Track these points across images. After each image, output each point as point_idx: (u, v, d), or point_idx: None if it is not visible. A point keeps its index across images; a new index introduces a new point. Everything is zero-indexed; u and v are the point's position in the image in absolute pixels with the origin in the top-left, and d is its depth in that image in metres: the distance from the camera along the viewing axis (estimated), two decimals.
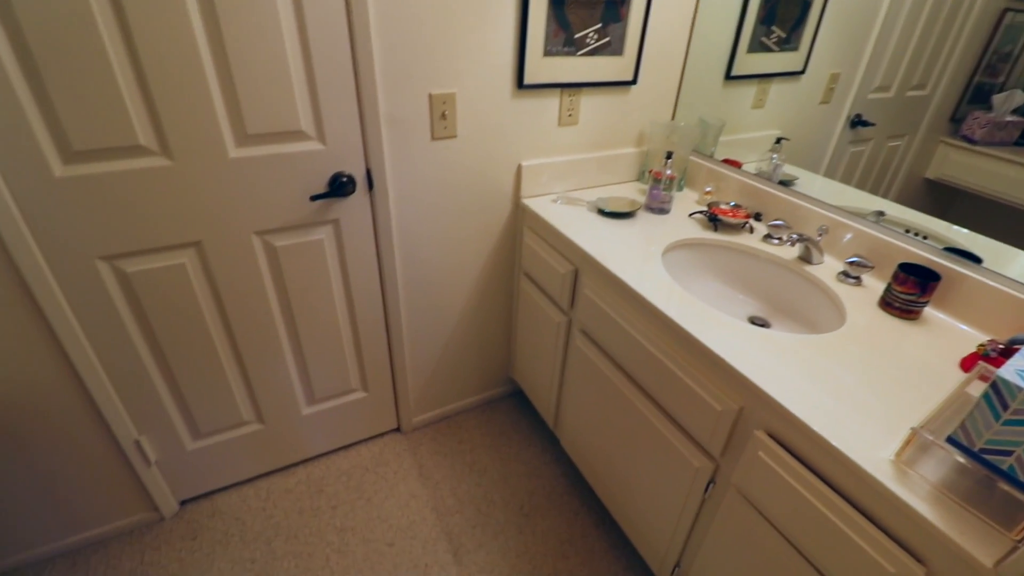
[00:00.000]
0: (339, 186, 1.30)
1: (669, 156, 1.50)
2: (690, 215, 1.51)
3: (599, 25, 1.46)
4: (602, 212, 1.51)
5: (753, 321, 1.26)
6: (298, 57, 1.15)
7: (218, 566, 1.45)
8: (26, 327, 1.16)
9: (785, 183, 1.44)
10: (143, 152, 1.11)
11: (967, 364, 0.95)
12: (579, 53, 1.47)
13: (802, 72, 1.40)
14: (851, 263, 1.20)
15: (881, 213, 1.25)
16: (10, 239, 1.05)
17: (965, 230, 1.10)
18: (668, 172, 1.49)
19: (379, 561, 1.46)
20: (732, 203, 1.48)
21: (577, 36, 1.44)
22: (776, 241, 1.35)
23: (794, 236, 1.24)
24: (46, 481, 1.35)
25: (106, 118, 1.04)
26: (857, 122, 1.31)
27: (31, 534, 1.41)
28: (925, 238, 1.16)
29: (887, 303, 1.11)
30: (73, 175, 1.07)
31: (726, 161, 1.62)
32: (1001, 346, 0.95)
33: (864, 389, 0.89)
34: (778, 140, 1.48)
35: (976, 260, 1.07)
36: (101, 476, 1.42)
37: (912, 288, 1.06)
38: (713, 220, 1.41)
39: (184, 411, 1.46)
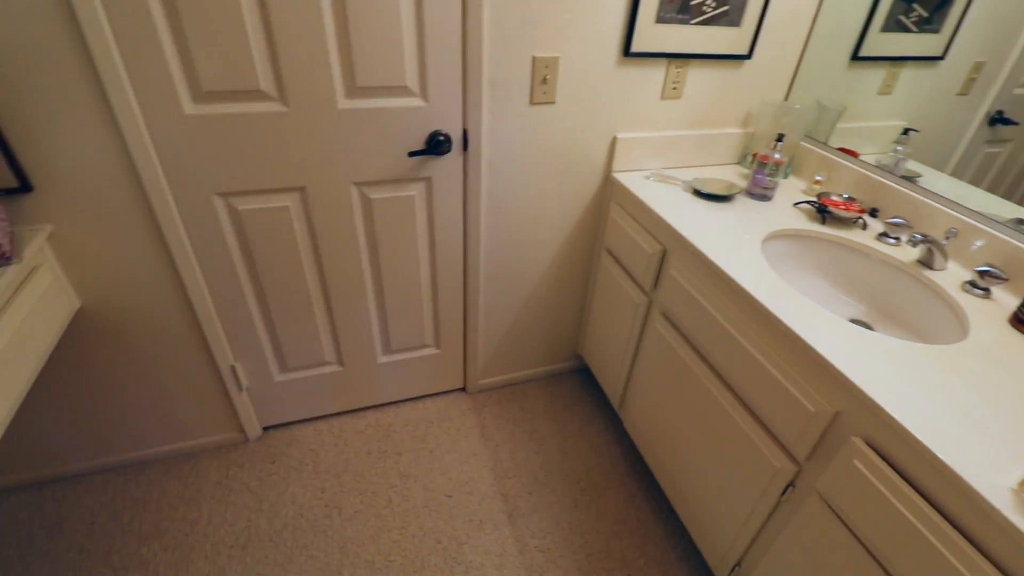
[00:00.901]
0: (436, 144, 1.32)
1: (780, 139, 1.40)
2: (795, 204, 1.41)
3: None
4: (698, 193, 1.44)
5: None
6: (411, 11, 1.16)
7: (292, 490, 1.56)
8: (151, 253, 1.27)
9: (907, 179, 1.31)
10: (262, 97, 1.17)
11: None
12: (693, 21, 1.39)
13: (941, 58, 1.26)
14: (981, 272, 1.08)
15: (1021, 221, 1.11)
16: (143, 169, 1.15)
17: None
18: (776, 156, 1.39)
19: (437, 509, 1.52)
20: (845, 195, 1.37)
21: (693, 3, 1.36)
22: (892, 241, 1.24)
23: (916, 237, 1.13)
24: (154, 392, 1.51)
25: (233, 62, 1.10)
26: (997, 119, 1.16)
27: (136, 438, 1.58)
28: None
29: (1020, 320, 0.99)
30: (201, 114, 1.14)
31: (841, 150, 1.49)
32: None
33: (985, 409, 0.81)
34: (905, 131, 1.34)
35: None
36: (199, 394, 1.56)
37: None
38: (822, 212, 1.31)
39: (275, 345, 1.56)
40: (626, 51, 1.37)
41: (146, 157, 1.14)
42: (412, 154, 1.30)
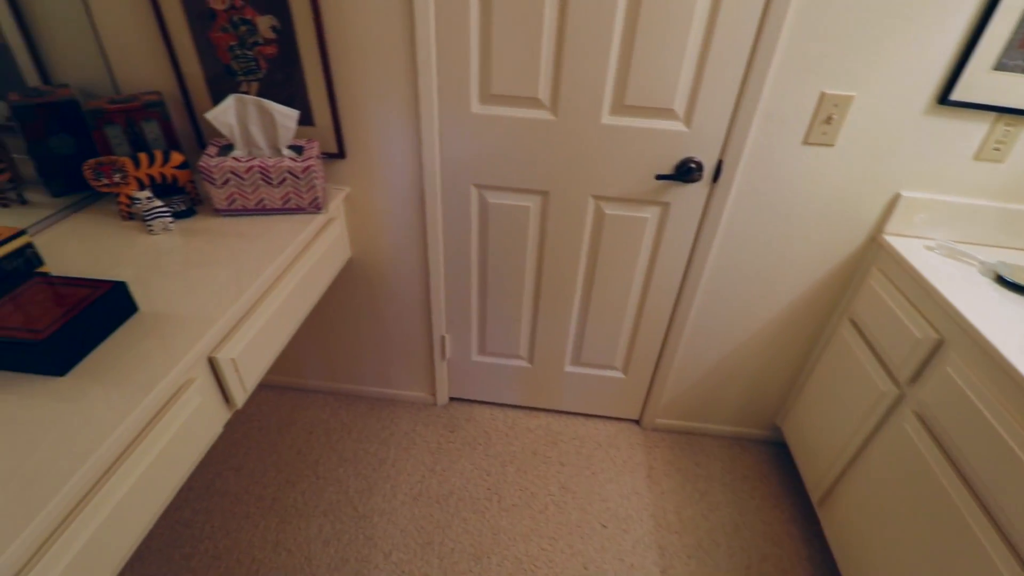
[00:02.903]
0: (686, 171, 1.28)
1: None
2: None
3: None
4: (1004, 281, 1.15)
5: None
6: (699, 35, 1.13)
7: (463, 463, 1.68)
8: (410, 224, 1.47)
9: None
10: (537, 104, 1.26)
11: None
12: None
13: None
14: None
15: None
16: (426, 154, 1.33)
17: None
18: None
19: (589, 535, 1.49)
20: None
21: None
22: None
23: None
24: (380, 341, 1.75)
25: (522, 71, 1.21)
26: None
27: (356, 373, 1.86)
28: None
29: None
30: (483, 113, 1.28)
31: None
32: None
33: None
34: None
35: None
36: (411, 353, 1.77)
37: None
38: None
39: (481, 328, 1.69)
40: (942, 98, 1.16)
41: (432, 144, 1.32)
42: (659, 177, 1.27)
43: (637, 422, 1.87)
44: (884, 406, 1.22)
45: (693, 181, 1.30)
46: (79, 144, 1.25)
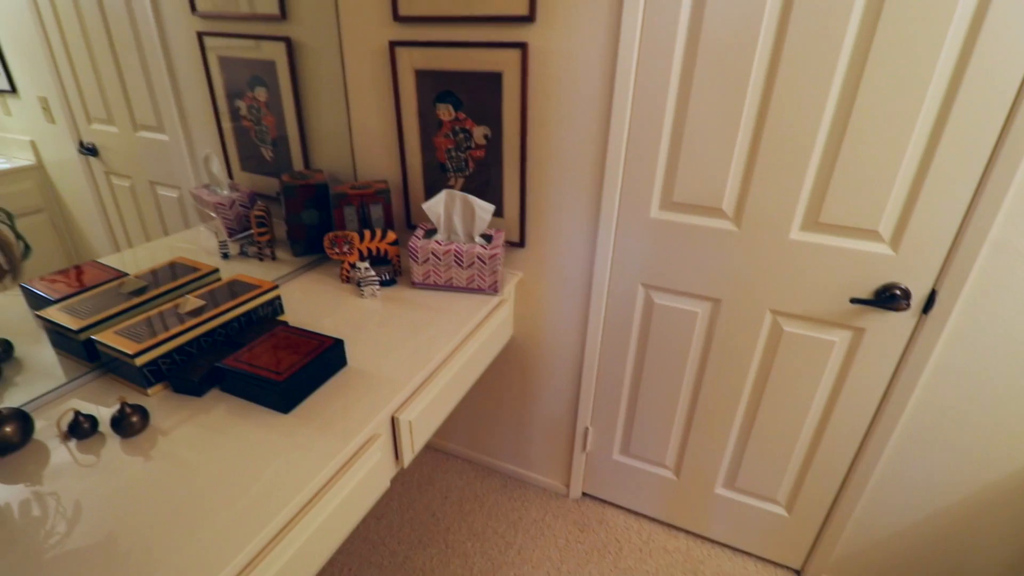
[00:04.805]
0: (889, 298, 1.15)
1: None
2: None
3: None
4: None
5: None
6: (917, 155, 1.06)
7: (590, 570, 1.58)
8: (572, 312, 1.53)
9: None
10: (718, 215, 1.26)
11: None
12: None
13: None
14: None
15: None
16: (600, 250, 1.40)
17: None
18: None
19: None
20: None
21: None
22: None
23: None
24: (523, 420, 1.78)
25: (707, 183, 1.23)
26: None
27: (495, 447, 1.90)
28: None
29: None
30: (661, 219, 1.31)
31: None
32: None
33: None
34: None
35: None
36: (551, 438, 1.77)
37: None
38: None
39: (627, 427, 1.64)
40: None
41: (606, 243, 1.38)
42: (855, 301, 1.16)
43: (798, 573, 1.60)
44: None
45: (897, 310, 1.16)
46: (321, 217, 1.54)
